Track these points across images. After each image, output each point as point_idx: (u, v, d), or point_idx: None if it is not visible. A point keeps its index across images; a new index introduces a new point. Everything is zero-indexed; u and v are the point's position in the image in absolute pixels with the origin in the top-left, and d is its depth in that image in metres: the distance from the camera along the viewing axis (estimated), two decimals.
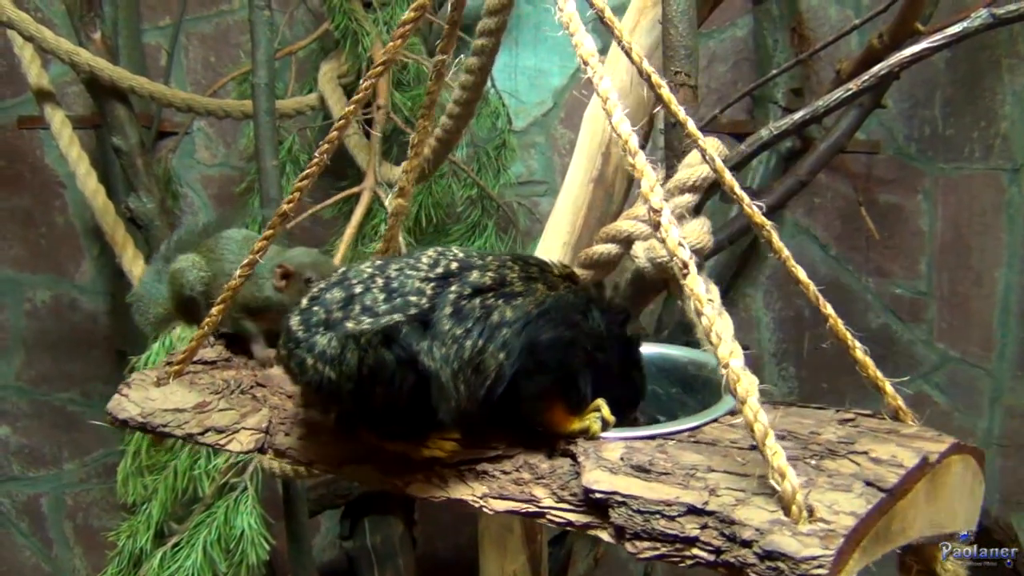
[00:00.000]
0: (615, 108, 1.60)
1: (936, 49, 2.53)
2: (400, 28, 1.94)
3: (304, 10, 4.87)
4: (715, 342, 1.48)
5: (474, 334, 1.73)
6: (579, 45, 1.65)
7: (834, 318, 1.84)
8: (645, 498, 1.53)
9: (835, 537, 1.34)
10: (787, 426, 1.68)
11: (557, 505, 1.65)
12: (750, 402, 1.45)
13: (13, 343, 5.05)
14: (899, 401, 1.82)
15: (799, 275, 1.84)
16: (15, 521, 5.17)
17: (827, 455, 1.57)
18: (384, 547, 4.61)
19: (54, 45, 3.85)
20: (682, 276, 1.50)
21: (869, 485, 1.45)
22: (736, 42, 4.99)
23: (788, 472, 1.40)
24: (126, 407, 2.24)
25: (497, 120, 4.61)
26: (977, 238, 4.96)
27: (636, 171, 1.56)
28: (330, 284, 1.84)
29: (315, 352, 1.76)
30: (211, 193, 5.03)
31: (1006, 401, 5.00)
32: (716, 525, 1.44)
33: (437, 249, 1.88)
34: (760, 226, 1.78)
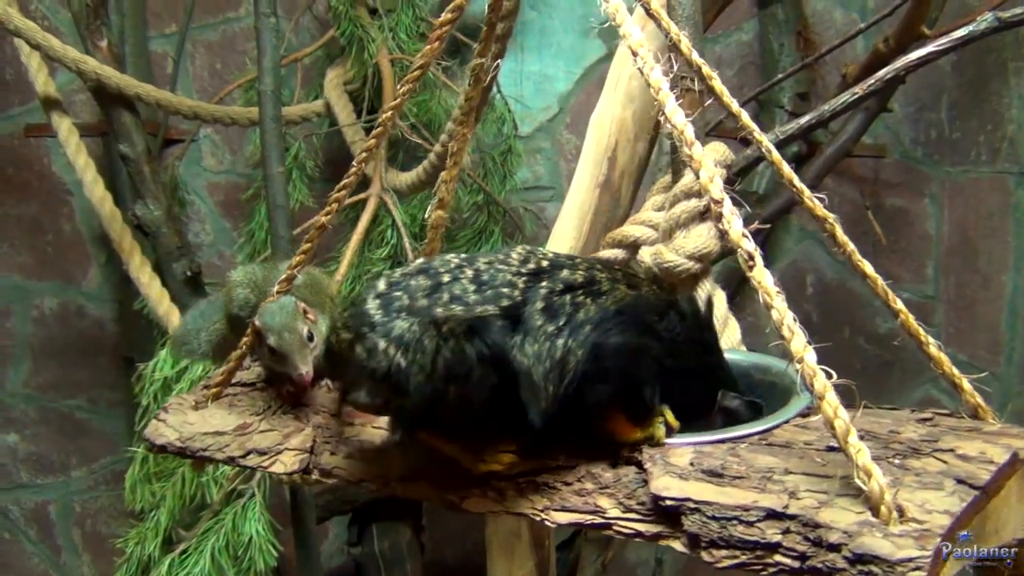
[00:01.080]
0: (668, 98, 1.56)
1: (942, 53, 2.53)
2: (437, 30, 1.91)
3: (310, 17, 4.88)
4: (787, 336, 1.42)
5: (564, 332, 1.68)
6: (627, 35, 1.60)
7: (905, 313, 1.78)
8: (720, 503, 1.45)
9: (931, 537, 1.27)
10: (863, 426, 1.59)
11: (624, 515, 1.57)
12: (828, 398, 1.39)
13: (20, 350, 5.06)
14: (978, 398, 1.75)
15: (866, 269, 1.77)
16: (23, 528, 5.18)
17: (911, 454, 1.49)
18: (392, 553, 4.61)
19: (61, 53, 3.86)
20: (748, 268, 1.45)
21: (960, 483, 1.37)
22: (742, 46, 4.99)
23: (874, 470, 1.33)
24: (164, 432, 2.18)
25: (503, 126, 4.62)
26: (984, 242, 4.95)
27: (694, 162, 1.52)
28: (413, 271, 1.76)
29: (391, 336, 1.66)
30: (217, 200, 5.04)
31: (1014, 406, 4.98)
32: (799, 529, 1.36)
33: (526, 247, 1.82)
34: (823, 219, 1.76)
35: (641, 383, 1.72)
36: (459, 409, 1.66)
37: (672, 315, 1.78)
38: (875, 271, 1.77)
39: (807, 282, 5.04)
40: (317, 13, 4.86)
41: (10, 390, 5.05)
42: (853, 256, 1.76)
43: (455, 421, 1.70)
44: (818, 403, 1.39)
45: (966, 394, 1.75)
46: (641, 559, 5.03)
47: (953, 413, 1.70)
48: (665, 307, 1.79)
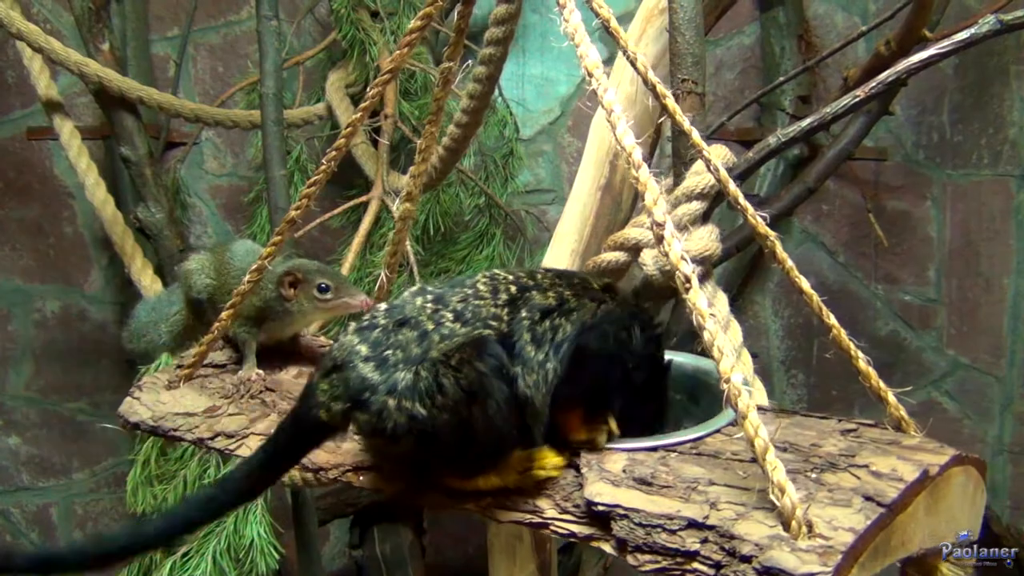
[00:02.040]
0: (619, 120, 1.58)
1: (944, 55, 2.53)
2: (407, 36, 1.95)
3: (311, 20, 4.89)
4: (716, 356, 1.48)
5: (551, 356, 1.74)
6: (584, 56, 1.63)
7: (837, 328, 1.82)
8: (647, 511, 1.53)
9: (833, 553, 1.34)
10: (789, 437, 1.68)
11: (561, 516, 1.65)
12: (751, 417, 1.45)
13: (22, 353, 5.06)
14: (902, 412, 1.80)
15: (803, 285, 1.81)
16: (25, 531, 5.18)
17: (828, 468, 1.57)
18: (393, 556, 4.60)
19: (63, 56, 3.86)
20: (684, 291, 1.50)
21: (868, 500, 1.44)
22: (743, 49, 4.99)
23: (788, 487, 1.41)
24: (137, 410, 2.24)
25: (504, 129, 4.62)
26: (986, 244, 4.95)
27: (640, 184, 1.55)
28: (392, 325, 1.75)
29: (398, 391, 1.66)
30: (219, 203, 5.04)
31: (1016, 408, 4.98)
32: (716, 539, 1.44)
33: (484, 274, 1.85)
34: (764, 236, 1.77)
35: (609, 387, 1.80)
36: (486, 432, 1.66)
37: (636, 328, 1.85)
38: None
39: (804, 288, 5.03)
40: (319, 16, 4.87)
41: (12, 393, 5.06)
42: (791, 272, 1.81)
43: (481, 449, 1.69)
44: (741, 422, 1.46)
45: (890, 407, 1.80)
46: None
47: (877, 424, 1.76)
48: (629, 320, 1.85)
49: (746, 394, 1.46)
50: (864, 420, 1.78)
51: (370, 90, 2.03)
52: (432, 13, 1.93)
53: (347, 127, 2.08)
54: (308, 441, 1.85)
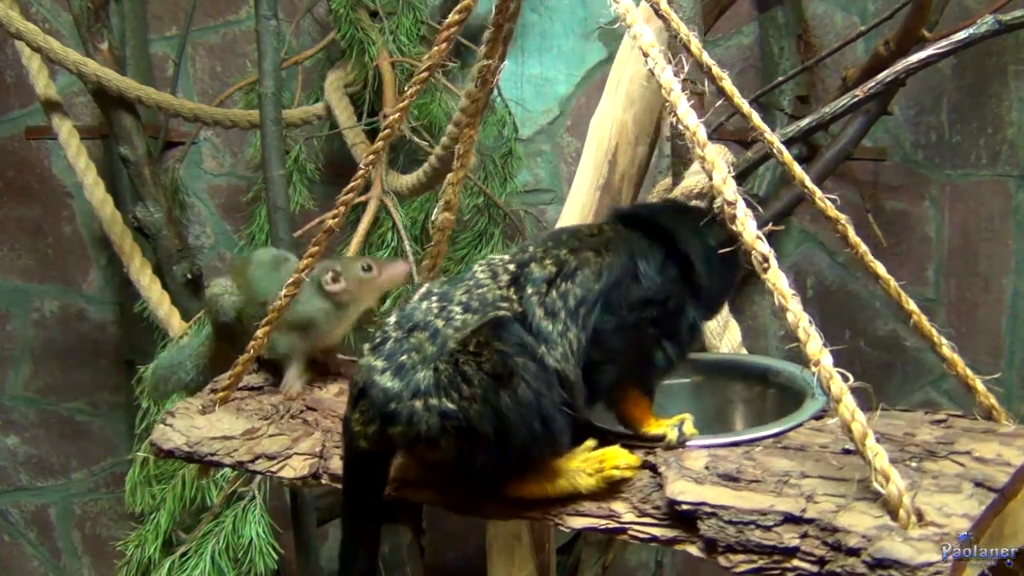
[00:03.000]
0: (680, 100, 1.55)
1: (942, 55, 2.53)
2: (444, 31, 1.90)
3: (310, 20, 4.88)
4: (803, 338, 1.42)
5: (570, 325, 1.68)
6: (638, 36, 1.60)
7: (918, 314, 1.79)
8: (737, 507, 1.45)
9: (951, 540, 1.27)
10: (878, 428, 1.56)
11: (639, 519, 1.56)
12: (845, 400, 1.38)
13: (21, 353, 5.05)
14: (992, 400, 1.74)
15: (879, 270, 1.78)
16: (23, 531, 5.17)
17: (927, 456, 1.49)
18: (392, 556, 4.60)
19: (62, 56, 3.86)
20: (763, 271, 1.45)
21: (979, 485, 1.36)
22: (742, 49, 4.99)
23: (892, 474, 1.33)
24: (171, 437, 2.17)
25: (503, 128, 4.61)
26: (985, 245, 4.95)
27: (707, 163, 1.51)
28: (402, 333, 1.71)
29: (421, 391, 1.61)
30: (218, 203, 5.04)
31: (1015, 409, 4.97)
32: (817, 533, 1.36)
33: (479, 264, 1.82)
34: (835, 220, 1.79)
35: (647, 353, 1.73)
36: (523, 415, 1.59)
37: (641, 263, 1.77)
38: (872, 275, 1.77)
39: (807, 285, 5.03)
40: (318, 16, 4.86)
41: (10, 393, 5.05)
42: (865, 257, 1.76)
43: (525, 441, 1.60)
44: (835, 406, 1.39)
45: (980, 395, 1.74)
46: (641, 562, 5.03)
47: (967, 415, 1.70)
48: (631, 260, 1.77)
49: (839, 377, 1.40)
50: (953, 411, 1.72)
51: (408, 89, 1.97)
52: (471, 6, 1.88)
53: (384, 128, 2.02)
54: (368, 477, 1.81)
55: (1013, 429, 1.60)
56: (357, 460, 1.79)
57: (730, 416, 2.17)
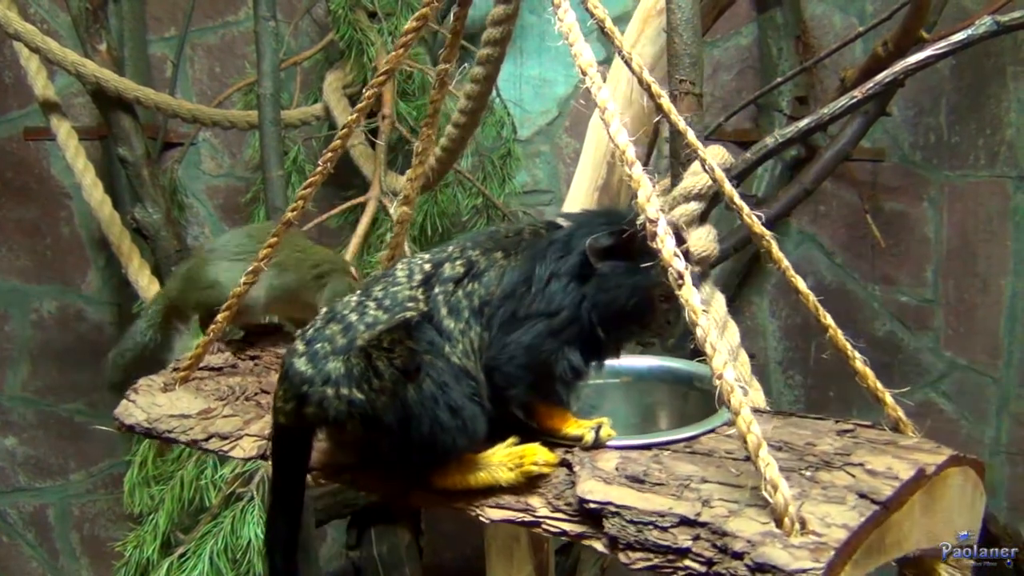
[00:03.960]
0: (613, 118, 1.59)
1: (941, 56, 2.53)
2: (403, 37, 1.96)
3: (309, 21, 4.89)
4: (709, 352, 1.48)
5: (471, 323, 1.76)
6: (578, 55, 1.63)
7: (834, 328, 1.83)
8: (638, 508, 1.53)
9: (826, 549, 1.34)
10: (784, 437, 1.68)
11: (552, 514, 1.65)
12: (743, 413, 1.45)
13: (19, 353, 5.06)
14: (899, 412, 1.80)
15: (799, 285, 1.83)
16: (22, 532, 5.17)
17: (822, 467, 1.56)
18: (391, 556, 4.60)
19: (60, 56, 3.86)
20: (677, 287, 1.50)
21: (863, 497, 1.44)
22: (741, 50, 5.00)
23: (781, 484, 1.40)
24: (133, 412, 2.26)
25: (502, 129, 4.62)
26: (983, 245, 4.96)
27: (633, 181, 1.55)
28: (322, 323, 1.82)
29: (332, 380, 1.71)
30: (216, 203, 5.04)
31: (1013, 409, 4.99)
32: (708, 536, 1.44)
33: (404, 260, 1.90)
34: (760, 236, 1.78)
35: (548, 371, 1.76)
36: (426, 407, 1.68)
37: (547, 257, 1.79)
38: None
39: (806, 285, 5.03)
40: (316, 17, 4.87)
41: (9, 393, 5.05)
42: (788, 272, 1.82)
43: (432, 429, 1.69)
44: (733, 418, 1.46)
45: (888, 407, 1.81)
46: None
47: (874, 425, 1.75)
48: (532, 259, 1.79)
49: (739, 391, 1.46)
50: (861, 421, 1.77)
51: (367, 91, 2.04)
52: (428, 14, 1.94)
53: (343, 128, 2.09)
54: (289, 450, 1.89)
55: (913, 442, 1.66)
56: (280, 434, 1.88)
57: (655, 417, 2.27)
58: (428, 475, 1.76)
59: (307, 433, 1.86)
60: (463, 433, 1.70)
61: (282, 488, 1.94)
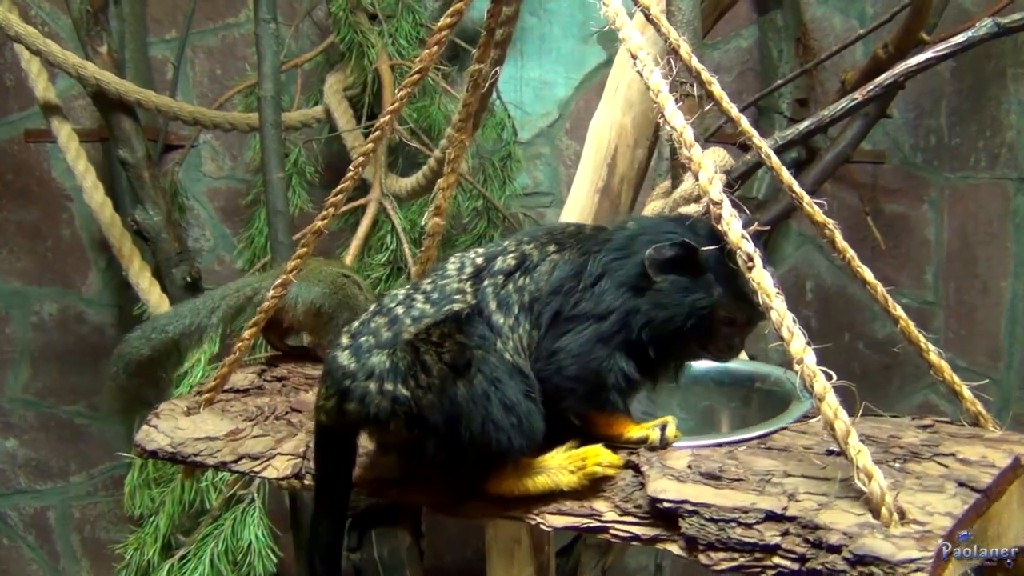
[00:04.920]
0: (667, 101, 1.54)
1: (941, 59, 2.53)
2: (436, 35, 1.92)
3: (310, 23, 4.89)
4: (787, 337, 1.42)
5: (521, 320, 1.70)
6: (627, 39, 1.60)
7: (905, 320, 1.78)
8: (718, 506, 1.44)
9: (932, 538, 1.26)
10: (864, 430, 1.58)
11: (621, 518, 1.56)
12: (828, 399, 1.38)
13: (20, 356, 5.06)
14: (979, 406, 1.74)
15: (866, 275, 1.76)
16: (22, 534, 5.17)
17: (911, 458, 1.49)
18: (391, 559, 4.60)
19: (61, 59, 3.86)
20: (747, 269, 1.45)
21: (962, 486, 1.36)
22: (741, 52, 5.00)
23: (875, 472, 1.32)
24: (155, 438, 2.18)
25: (503, 131, 4.62)
26: (984, 247, 4.96)
27: (693, 163, 1.51)
28: (369, 316, 1.77)
29: (375, 374, 1.64)
30: (217, 205, 5.04)
31: (1014, 411, 4.98)
32: (799, 531, 1.35)
33: (457, 254, 1.84)
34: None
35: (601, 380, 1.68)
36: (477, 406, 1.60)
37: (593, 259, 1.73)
38: (875, 277, 1.76)
39: (806, 287, 5.04)
40: (317, 19, 4.87)
41: (9, 395, 5.05)
42: (853, 262, 1.74)
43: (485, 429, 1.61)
44: (818, 404, 1.38)
45: (966, 402, 1.75)
46: (640, 564, 5.03)
47: (954, 421, 1.69)
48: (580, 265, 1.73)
49: (822, 376, 1.39)
50: (940, 417, 1.70)
51: (399, 91, 2.00)
52: (462, 10, 1.90)
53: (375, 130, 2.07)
54: (332, 451, 1.84)
55: (999, 435, 1.61)
56: (321, 434, 1.82)
57: (716, 421, 2.17)
58: (481, 481, 1.68)
59: (350, 435, 1.79)
60: (519, 432, 1.62)
61: (325, 493, 1.88)
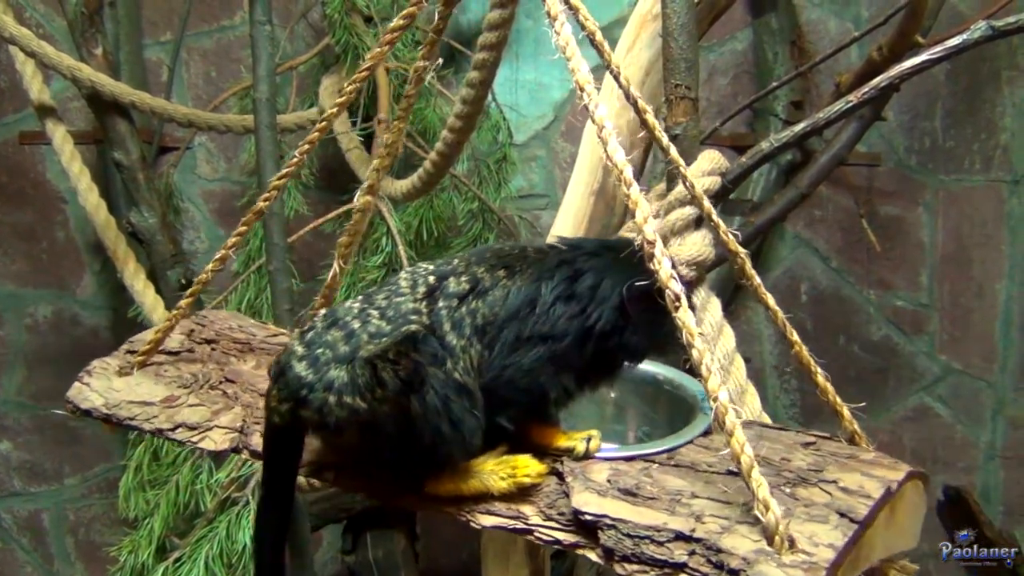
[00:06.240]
0: (610, 136, 1.60)
1: (936, 61, 2.53)
2: (387, 35, 2.00)
3: (305, 25, 4.89)
4: (704, 374, 1.50)
5: (473, 341, 1.77)
6: (575, 70, 1.65)
7: (799, 344, 1.93)
8: (634, 522, 1.55)
9: (818, 569, 1.39)
10: (760, 451, 1.70)
11: (545, 523, 1.66)
12: (737, 434, 1.48)
13: (14, 358, 5.05)
14: (855, 426, 1.91)
15: (768, 302, 1.91)
16: (16, 537, 5.16)
17: (799, 483, 1.61)
18: (386, 561, 4.60)
19: (56, 61, 3.86)
20: (674, 309, 1.52)
21: (843, 516, 1.49)
22: (736, 55, 5.00)
23: (772, 504, 1.44)
24: (89, 396, 2.20)
25: (498, 134, 4.62)
26: (978, 250, 4.97)
27: (631, 202, 1.57)
28: (323, 327, 1.82)
29: (335, 388, 1.70)
30: (212, 208, 5.04)
31: (1008, 413, 4.99)
32: (704, 552, 1.46)
33: (407, 270, 1.90)
34: (734, 253, 1.85)
35: (543, 394, 1.79)
36: (427, 419, 1.68)
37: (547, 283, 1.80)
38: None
39: (801, 290, 5.05)
40: (312, 21, 4.87)
41: (3, 398, 5.04)
42: (759, 290, 1.89)
43: (433, 440, 1.70)
44: (728, 439, 1.49)
45: (845, 421, 1.92)
46: None
47: (832, 437, 1.81)
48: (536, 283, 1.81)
49: (733, 413, 1.49)
50: (820, 433, 1.82)
51: (347, 85, 2.07)
52: (415, 13, 1.96)
53: (322, 119, 2.13)
54: (282, 449, 1.90)
55: (872, 457, 1.73)
56: (273, 433, 1.88)
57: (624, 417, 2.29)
58: (421, 481, 1.77)
59: (300, 432, 1.86)
60: (461, 446, 1.71)
61: (273, 485, 1.95)
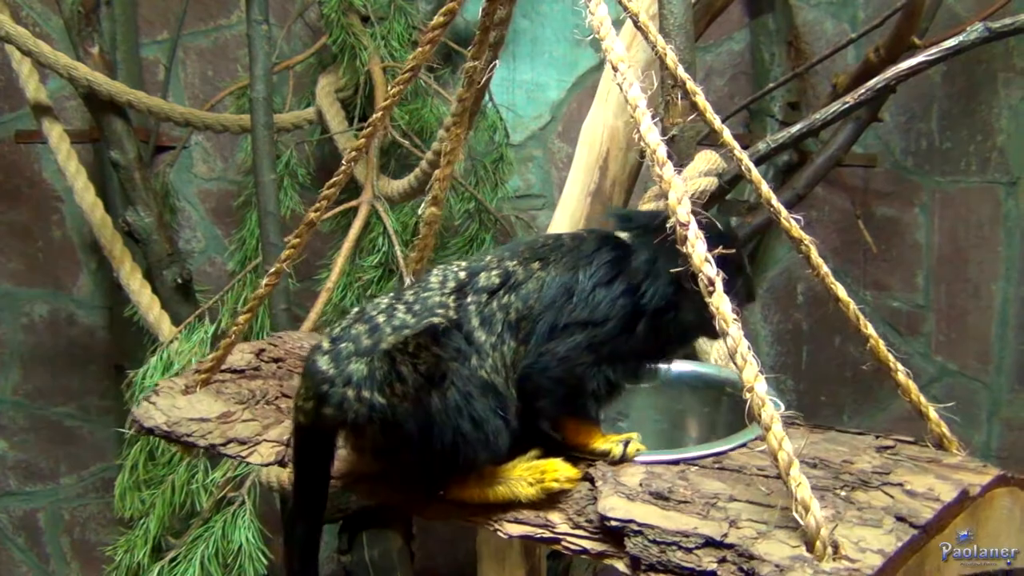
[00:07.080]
0: (644, 116, 1.53)
1: (932, 63, 2.54)
2: (429, 33, 1.94)
3: (302, 24, 4.88)
4: (740, 364, 1.42)
5: (505, 337, 1.72)
6: (609, 50, 1.59)
7: (875, 339, 1.77)
8: (662, 528, 1.47)
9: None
10: (820, 453, 1.60)
11: (572, 531, 1.59)
12: (774, 429, 1.38)
13: (10, 357, 5.04)
14: (943, 428, 1.73)
15: (839, 293, 1.78)
16: (12, 536, 5.15)
17: (859, 486, 1.49)
18: (382, 561, 4.59)
19: (52, 59, 3.85)
20: (708, 294, 1.45)
21: (901, 520, 1.37)
22: (733, 56, 5.00)
23: (812, 505, 1.33)
24: (153, 415, 2.20)
25: (495, 134, 4.62)
26: (974, 251, 4.97)
27: (664, 182, 1.50)
28: (350, 322, 1.79)
29: (353, 381, 1.66)
30: (209, 207, 5.03)
31: (1004, 414, 5.00)
32: (735, 559, 1.37)
33: (439, 267, 1.86)
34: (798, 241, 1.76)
35: (580, 385, 1.72)
36: (449, 417, 1.64)
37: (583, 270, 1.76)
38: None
39: (798, 290, 5.05)
40: (309, 20, 4.86)
41: None
42: (827, 279, 1.77)
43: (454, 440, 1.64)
44: (764, 434, 1.39)
45: (931, 423, 1.74)
46: None
47: (917, 441, 1.69)
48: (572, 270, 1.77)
49: (771, 405, 1.40)
50: (903, 437, 1.70)
51: (391, 88, 2.02)
52: (455, 9, 1.92)
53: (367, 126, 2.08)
54: (310, 450, 1.85)
55: (958, 461, 1.60)
56: (300, 433, 1.85)
57: (684, 425, 2.20)
58: (446, 487, 1.72)
59: (329, 435, 1.81)
60: (485, 447, 1.66)
61: (302, 491, 1.91)
